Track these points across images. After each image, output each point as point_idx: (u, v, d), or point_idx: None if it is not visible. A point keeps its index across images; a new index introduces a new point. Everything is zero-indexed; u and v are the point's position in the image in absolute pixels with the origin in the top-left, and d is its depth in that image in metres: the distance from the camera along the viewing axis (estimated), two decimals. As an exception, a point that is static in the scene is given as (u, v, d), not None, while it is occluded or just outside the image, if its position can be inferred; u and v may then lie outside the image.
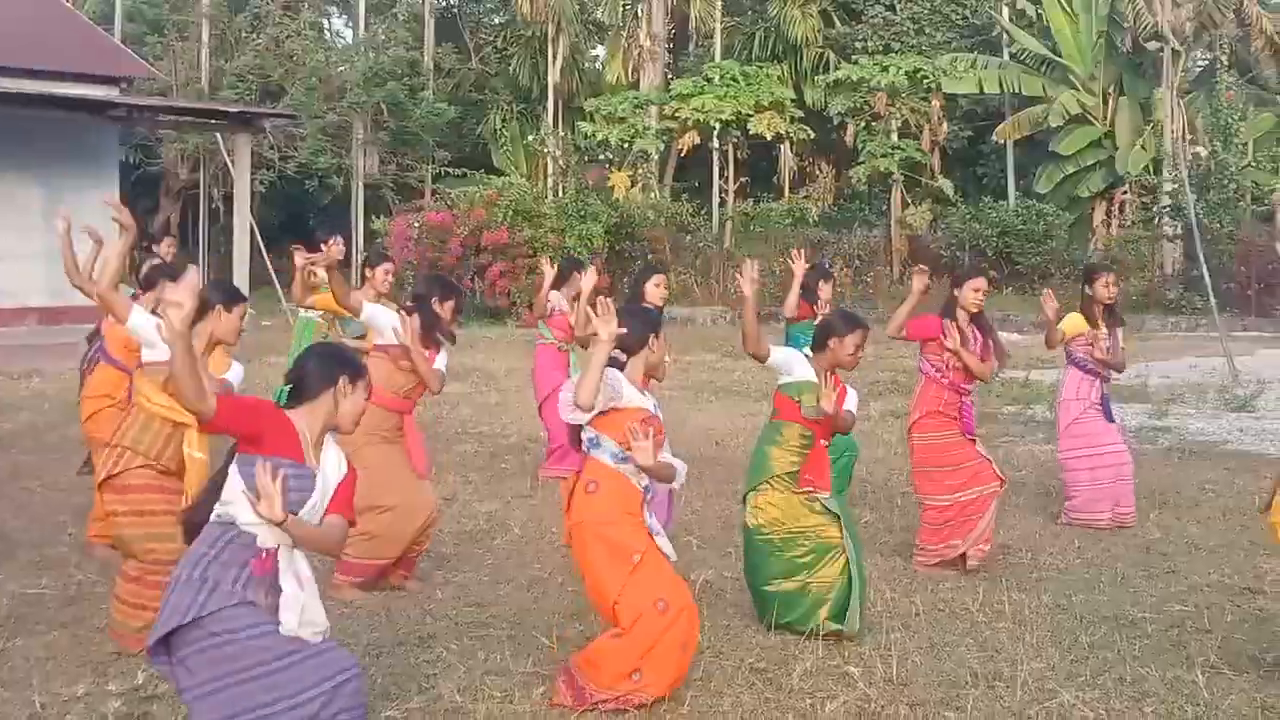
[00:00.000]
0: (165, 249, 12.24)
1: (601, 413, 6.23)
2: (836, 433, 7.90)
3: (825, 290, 11.16)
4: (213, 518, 5.11)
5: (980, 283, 9.48)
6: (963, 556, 9.22)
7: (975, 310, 9.43)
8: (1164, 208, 35.56)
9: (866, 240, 38.18)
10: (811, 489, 7.64)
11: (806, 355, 7.77)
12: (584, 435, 6.36)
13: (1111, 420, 10.92)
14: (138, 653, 6.55)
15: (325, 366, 5.26)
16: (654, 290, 10.07)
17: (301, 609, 5.11)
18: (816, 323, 8.55)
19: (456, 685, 6.51)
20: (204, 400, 5.00)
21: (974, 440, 9.43)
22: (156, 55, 37.92)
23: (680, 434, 14.43)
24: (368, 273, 10.40)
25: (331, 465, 5.23)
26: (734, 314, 31.50)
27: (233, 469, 5.07)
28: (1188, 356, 23.65)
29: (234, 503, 5.03)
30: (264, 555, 5.08)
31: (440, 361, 8.43)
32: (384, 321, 8.44)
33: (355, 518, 5.36)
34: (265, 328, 24.91)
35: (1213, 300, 22.38)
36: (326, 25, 47.32)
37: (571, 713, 6.21)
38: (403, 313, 8.40)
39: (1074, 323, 10.70)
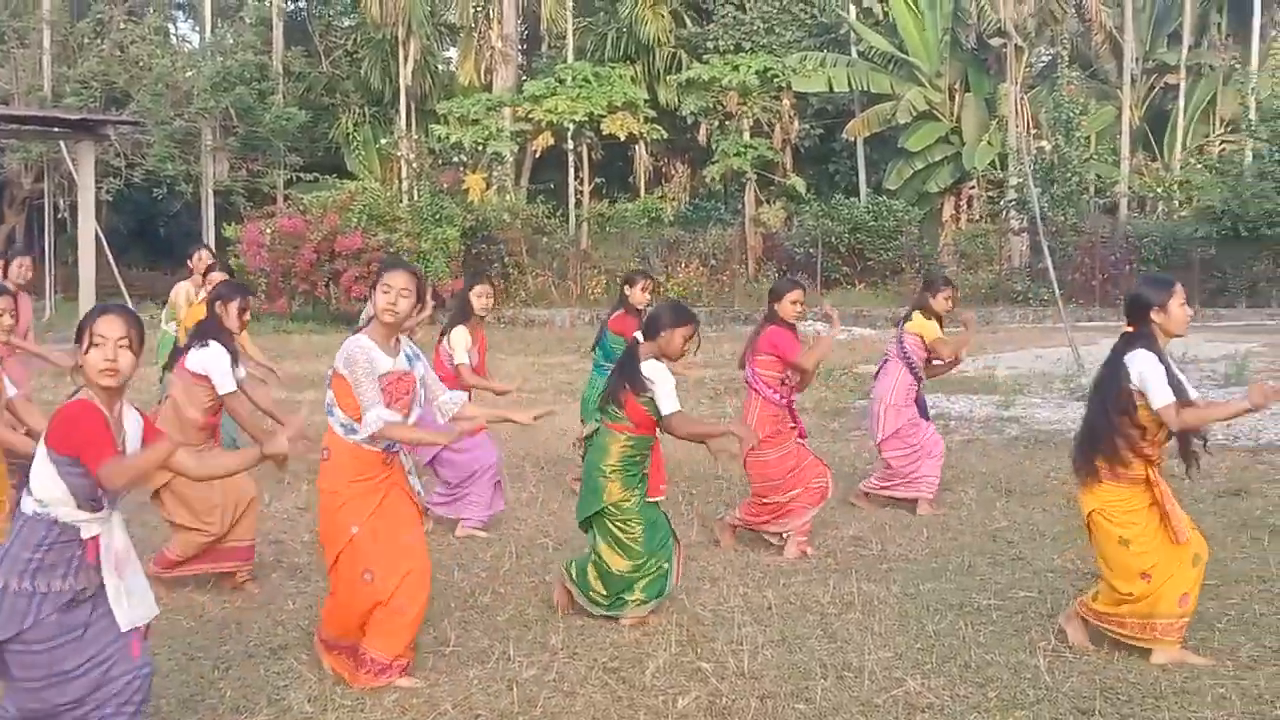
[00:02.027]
0: (17, 271, 11.70)
1: (338, 374, 6.42)
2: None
3: (637, 293, 11.33)
4: (29, 515, 5.00)
5: (798, 294, 9.66)
6: (782, 541, 9.59)
7: (796, 321, 9.62)
8: (1010, 201, 36.33)
9: (722, 239, 38.44)
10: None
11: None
12: (326, 398, 6.54)
13: (927, 419, 11.21)
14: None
15: None
16: (478, 301, 10.27)
17: (127, 597, 5.08)
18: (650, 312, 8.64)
19: (306, 695, 6.46)
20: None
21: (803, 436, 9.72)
22: (-4, 63, 37.10)
23: (537, 436, 14.47)
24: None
25: (132, 432, 5.15)
26: (592, 315, 31.58)
27: (47, 469, 4.95)
28: (1034, 347, 24.17)
29: (53, 501, 4.95)
30: (89, 544, 5.02)
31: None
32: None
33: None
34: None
35: (1057, 291, 22.84)
36: (172, 30, 46.61)
37: (415, 711, 6.21)
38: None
39: (932, 329, 10.93)
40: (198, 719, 6.19)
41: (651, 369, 7.60)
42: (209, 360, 8.14)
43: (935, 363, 11.01)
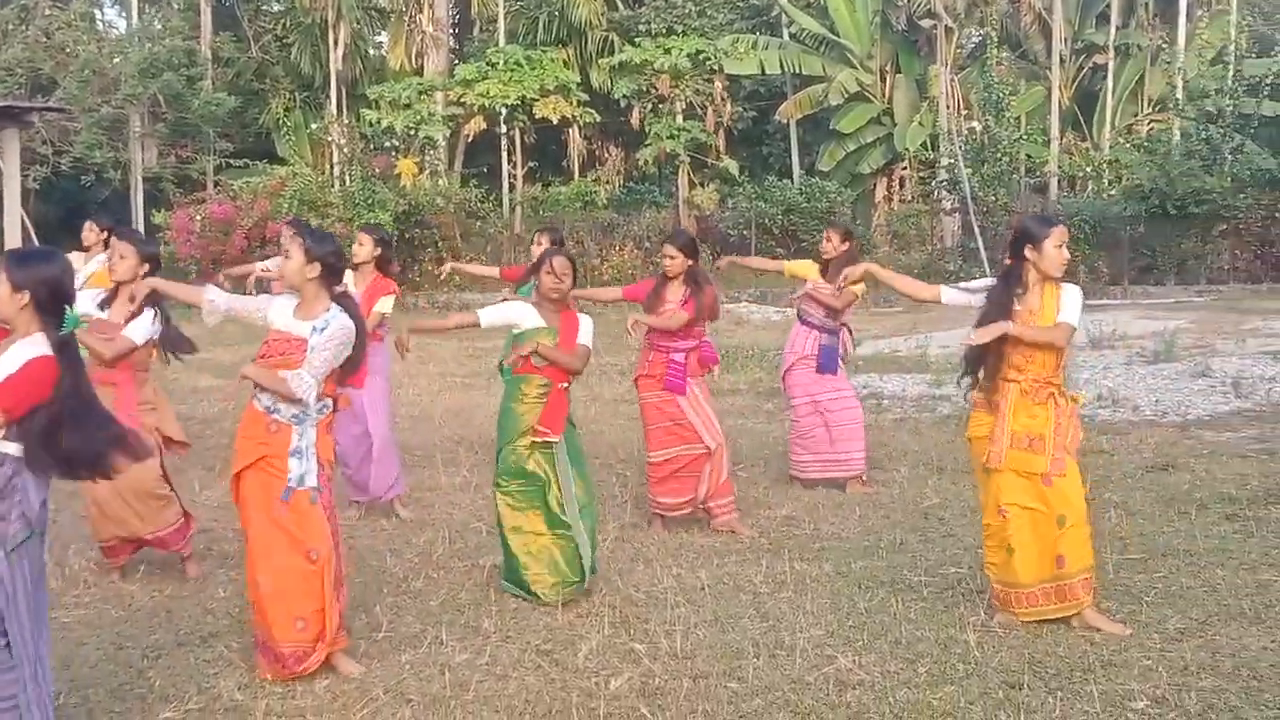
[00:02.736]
0: None
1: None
2: (572, 373, 8.01)
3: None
4: None
5: (669, 248, 9.81)
6: (708, 514, 9.69)
7: (670, 274, 9.73)
8: (941, 182, 36.52)
9: (656, 221, 38.39)
10: (545, 435, 7.82)
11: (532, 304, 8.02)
12: None
13: (829, 373, 11.16)
14: None
15: None
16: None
17: None
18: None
19: (237, 683, 6.43)
20: None
21: (681, 397, 9.69)
22: (-81, 50, 36.52)
23: (473, 419, 14.45)
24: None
25: (2, 360, 5.02)
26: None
27: None
28: (966, 326, 24.25)
29: None
30: None
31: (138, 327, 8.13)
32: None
33: (16, 414, 4.94)
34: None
35: (989, 270, 23.03)
36: (98, 16, 45.85)
37: (346, 697, 6.19)
38: None
39: (804, 266, 11.34)
40: (126, 708, 6.14)
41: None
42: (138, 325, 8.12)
43: (822, 300, 11.12)
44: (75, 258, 12.64)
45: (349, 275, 9.49)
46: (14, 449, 4.95)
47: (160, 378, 9.16)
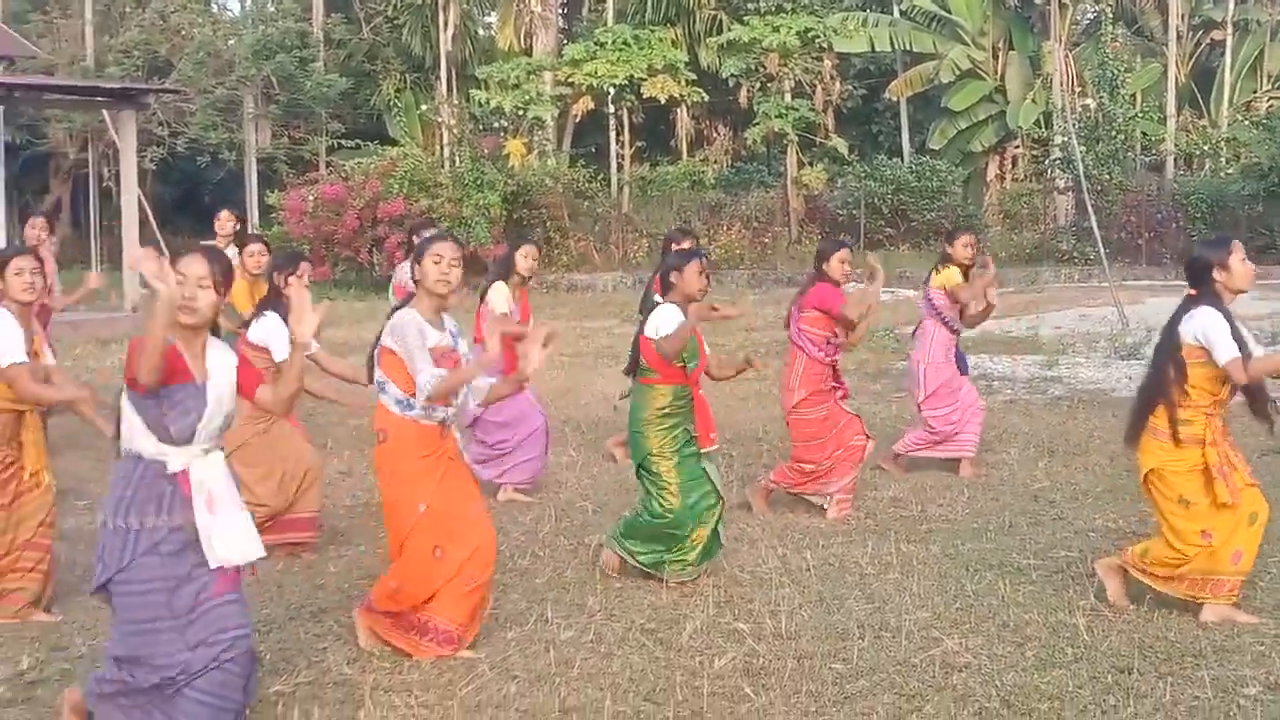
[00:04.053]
0: (34, 233, 11.95)
1: (387, 350, 6.39)
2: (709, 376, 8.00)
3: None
4: (120, 453, 5.14)
5: (846, 254, 9.62)
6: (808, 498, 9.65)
7: (843, 281, 9.57)
8: (1054, 160, 35.99)
9: (764, 201, 38.24)
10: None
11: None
12: (375, 378, 6.50)
13: (965, 373, 11.07)
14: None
15: None
16: (524, 261, 10.24)
17: (213, 535, 5.11)
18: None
19: (345, 657, 6.51)
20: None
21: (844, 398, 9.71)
22: (39, 33, 37.23)
23: (578, 399, 14.51)
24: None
25: (218, 367, 5.21)
26: (634, 279, 31.53)
27: (126, 405, 5.08)
28: (1079, 307, 24.00)
29: (136, 438, 5.06)
30: (180, 478, 5.09)
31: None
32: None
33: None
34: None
35: (1102, 250, 22.71)
36: (213, -2, 46.62)
37: (452, 672, 6.24)
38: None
39: (953, 276, 10.83)
40: (238, 681, 6.24)
41: (665, 311, 7.77)
42: (268, 331, 8.24)
43: (969, 314, 10.89)
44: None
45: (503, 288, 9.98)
46: None
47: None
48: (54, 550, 7.40)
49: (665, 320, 7.72)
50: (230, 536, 5.15)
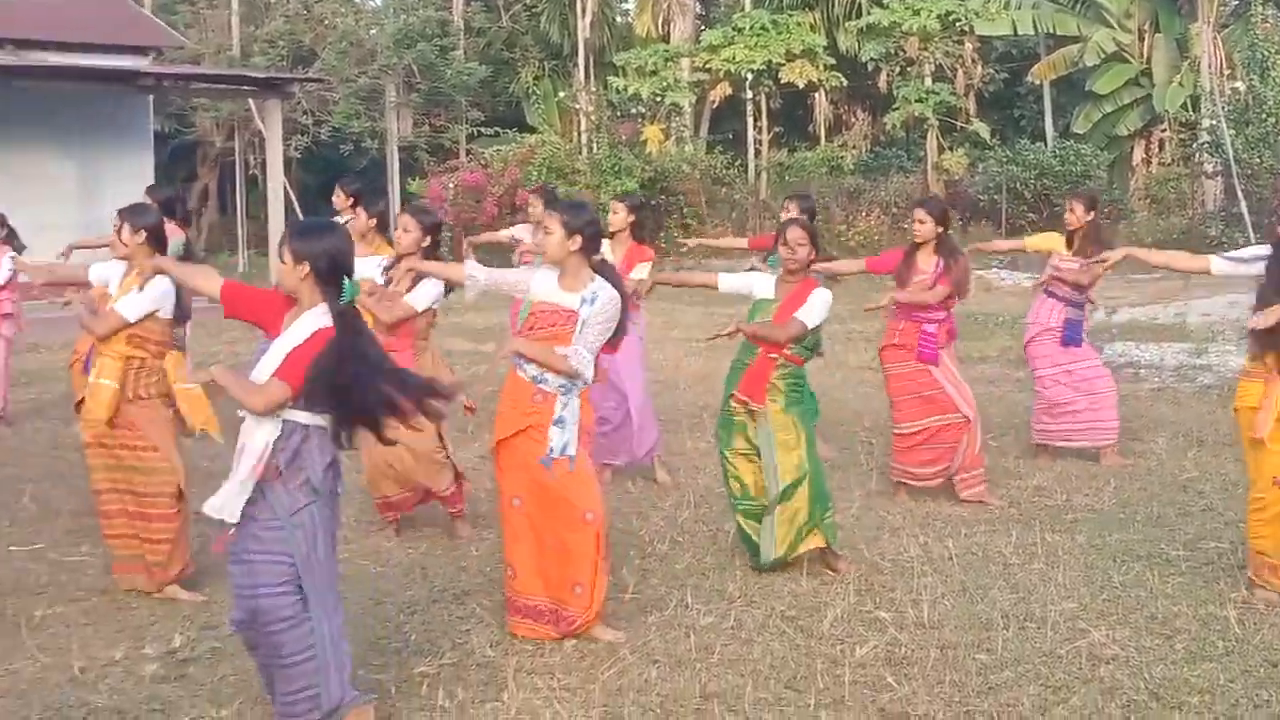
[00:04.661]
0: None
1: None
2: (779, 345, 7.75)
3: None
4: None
5: (919, 213, 9.56)
6: (957, 485, 9.48)
7: (919, 240, 9.49)
8: (1202, 144, 35.19)
9: (903, 186, 37.86)
10: (744, 402, 7.72)
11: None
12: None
13: (1074, 345, 10.79)
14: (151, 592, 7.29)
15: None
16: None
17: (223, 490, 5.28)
18: None
19: (489, 640, 6.57)
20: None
21: (934, 368, 9.49)
22: (187, 24, 37.95)
23: (717, 385, 14.47)
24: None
25: (290, 332, 5.26)
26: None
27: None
28: (1228, 293, 23.42)
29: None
30: None
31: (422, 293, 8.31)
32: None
33: (300, 385, 5.14)
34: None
35: (1252, 236, 22.15)
36: (356, -12, 47.19)
37: (594, 656, 6.28)
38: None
39: (1048, 240, 10.92)
40: (384, 660, 6.33)
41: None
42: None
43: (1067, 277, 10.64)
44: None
45: (605, 244, 9.60)
46: (304, 417, 5.21)
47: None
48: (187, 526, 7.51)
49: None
50: (224, 493, 5.30)
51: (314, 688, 5.26)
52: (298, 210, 30.77)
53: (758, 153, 39.49)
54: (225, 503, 5.23)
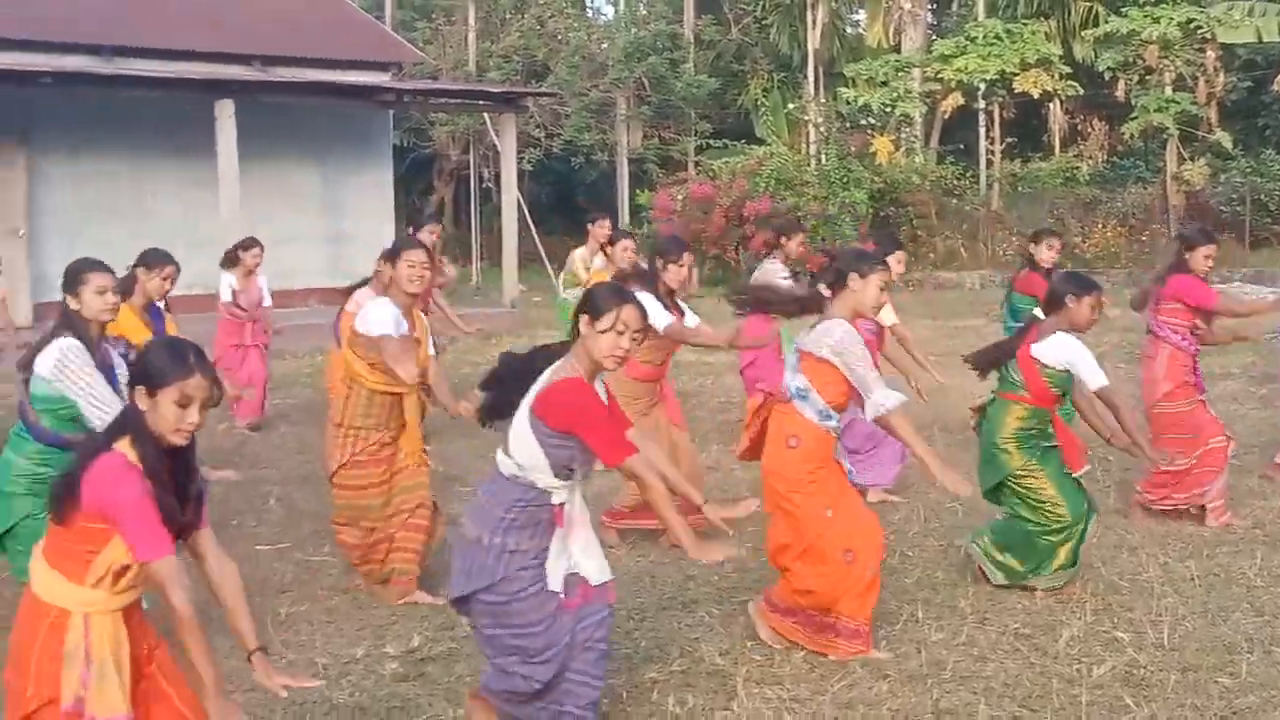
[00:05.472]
0: (427, 236, 12.64)
1: (820, 360, 6.32)
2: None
3: (1043, 252, 11.06)
4: (505, 478, 5.27)
5: (1213, 250, 9.15)
6: (1201, 510, 9.14)
7: (1205, 274, 9.16)
8: None
9: (1141, 198, 36.89)
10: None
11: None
12: (792, 383, 6.39)
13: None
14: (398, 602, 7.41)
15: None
16: (897, 267, 9.76)
17: (581, 555, 5.35)
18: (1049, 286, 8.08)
19: (718, 649, 6.61)
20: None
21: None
22: (426, 40, 38.90)
23: (945, 401, 14.29)
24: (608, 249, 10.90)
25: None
26: (1003, 277, 30.88)
27: (529, 434, 5.17)
28: None
29: (535, 470, 5.19)
30: (558, 510, 5.26)
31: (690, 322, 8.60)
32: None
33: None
34: (536, 304, 25.39)
35: None
36: (588, 2, 47.83)
37: (824, 668, 6.26)
38: None
39: None
40: (614, 666, 6.39)
41: (1063, 342, 7.38)
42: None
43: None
44: (583, 252, 13.23)
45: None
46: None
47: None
48: (436, 532, 7.70)
49: (1074, 354, 7.41)
50: (592, 553, 5.39)
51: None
52: (530, 222, 31.26)
53: (989, 163, 38.87)
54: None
